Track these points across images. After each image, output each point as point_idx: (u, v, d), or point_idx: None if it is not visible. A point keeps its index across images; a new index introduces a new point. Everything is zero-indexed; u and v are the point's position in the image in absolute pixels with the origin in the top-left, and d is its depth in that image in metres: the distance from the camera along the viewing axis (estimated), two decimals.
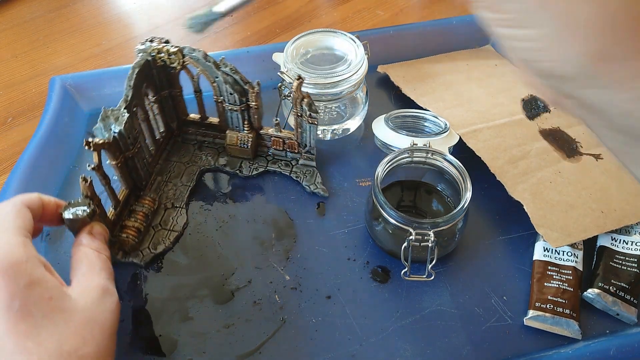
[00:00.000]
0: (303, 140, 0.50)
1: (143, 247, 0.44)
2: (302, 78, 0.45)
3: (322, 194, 0.49)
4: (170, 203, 0.47)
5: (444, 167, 0.44)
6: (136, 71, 0.43)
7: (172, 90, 0.49)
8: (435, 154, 0.44)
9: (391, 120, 0.52)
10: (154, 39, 0.46)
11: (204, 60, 0.45)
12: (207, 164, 0.51)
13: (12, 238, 0.30)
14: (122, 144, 0.41)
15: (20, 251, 0.30)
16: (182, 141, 0.53)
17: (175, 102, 0.50)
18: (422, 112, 0.54)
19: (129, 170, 0.44)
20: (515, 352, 0.39)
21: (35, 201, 0.35)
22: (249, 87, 0.46)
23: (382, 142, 0.52)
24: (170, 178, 0.49)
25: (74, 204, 0.37)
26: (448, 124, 0.51)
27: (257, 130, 0.50)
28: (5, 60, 0.68)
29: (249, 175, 0.50)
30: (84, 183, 0.37)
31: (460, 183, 0.43)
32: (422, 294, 0.42)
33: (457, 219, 0.40)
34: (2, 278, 0.28)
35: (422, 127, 0.54)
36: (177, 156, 0.51)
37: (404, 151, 0.44)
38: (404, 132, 0.50)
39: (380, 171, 0.43)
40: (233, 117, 0.49)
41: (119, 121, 0.40)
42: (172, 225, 0.46)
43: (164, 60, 0.46)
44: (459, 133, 0.50)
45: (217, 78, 0.46)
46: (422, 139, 0.48)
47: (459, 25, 0.65)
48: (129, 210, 0.45)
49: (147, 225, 0.45)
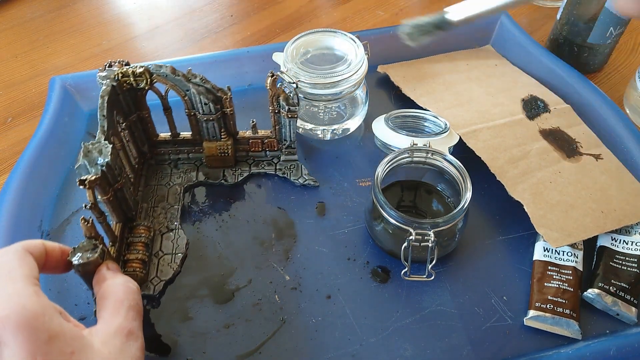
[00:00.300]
0: (283, 136, 0.49)
1: (151, 277, 0.42)
2: (275, 74, 0.45)
3: (313, 184, 0.49)
4: (164, 227, 0.46)
5: (444, 167, 0.44)
6: (106, 100, 0.41)
7: (140, 112, 0.47)
8: (435, 154, 0.44)
9: (391, 120, 0.52)
10: (112, 64, 0.43)
11: (173, 75, 0.44)
12: (189, 181, 0.50)
13: (23, 289, 0.27)
14: (111, 176, 0.39)
15: (36, 303, 0.27)
16: (156, 163, 0.51)
17: (144, 124, 0.48)
18: (422, 112, 0.54)
19: (118, 202, 0.42)
20: (515, 352, 0.39)
21: (38, 247, 0.32)
22: (221, 94, 0.45)
23: (382, 142, 0.52)
24: (156, 202, 0.48)
25: (80, 247, 0.34)
26: (448, 124, 0.51)
27: (234, 136, 0.50)
28: (5, 60, 0.68)
29: (235, 183, 0.50)
30: (86, 224, 0.34)
31: (460, 183, 0.43)
32: (422, 294, 0.42)
33: (457, 219, 0.40)
34: (21, 334, 0.26)
35: (422, 127, 0.54)
36: (154, 179, 0.50)
37: (404, 151, 0.44)
38: (404, 132, 0.50)
39: (380, 171, 0.43)
40: (209, 128, 0.48)
41: (103, 154, 0.38)
42: (175, 249, 0.44)
43: (130, 83, 0.44)
44: (459, 133, 0.50)
45: (188, 91, 0.45)
46: (422, 139, 0.48)
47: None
48: (126, 243, 0.43)
49: (149, 254, 0.43)
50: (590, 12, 0.58)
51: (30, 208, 0.46)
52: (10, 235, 0.43)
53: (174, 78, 0.44)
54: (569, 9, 0.60)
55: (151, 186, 0.49)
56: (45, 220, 0.47)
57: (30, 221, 0.46)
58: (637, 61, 0.66)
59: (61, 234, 0.46)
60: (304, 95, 0.50)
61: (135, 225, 0.44)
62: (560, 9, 0.62)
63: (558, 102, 0.56)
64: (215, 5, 0.77)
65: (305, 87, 0.49)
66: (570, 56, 0.63)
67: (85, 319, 0.41)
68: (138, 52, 0.69)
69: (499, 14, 0.65)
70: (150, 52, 0.69)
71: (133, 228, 0.44)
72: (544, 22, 0.73)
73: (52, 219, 0.47)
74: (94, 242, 0.35)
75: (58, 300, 0.41)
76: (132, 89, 0.45)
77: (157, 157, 0.51)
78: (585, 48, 0.61)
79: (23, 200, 0.45)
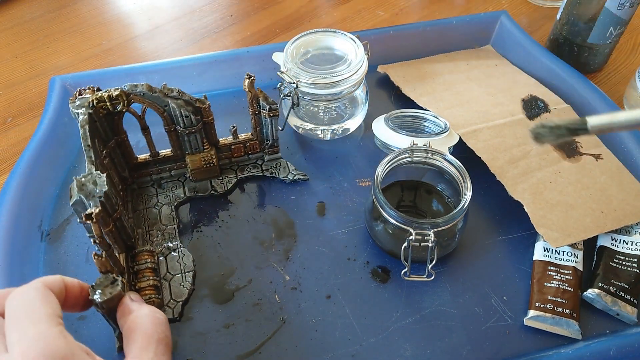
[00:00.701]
0: (264, 137, 0.49)
1: (167, 302, 0.41)
2: (251, 76, 0.44)
3: (303, 178, 0.50)
4: (165, 249, 0.44)
5: (444, 167, 0.44)
6: (87, 129, 0.39)
7: (118, 137, 0.45)
8: (435, 154, 0.44)
9: (391, 120, 0.52)
10: (82, 91, 0.42)
11: (150, 93, 0.42)
12: (178, 198, 0.48)
13: (48, 330, 0.26)
14: (109, 206, 0.37)
15: (63, 345, 0.26)
16: (139, 187, 0.49)
17: (122, 148, 0.46)
18: (422, 112, 0.54)
19: (119, 232, 0.40)
20: (515, 352, 0.39)
21: (58, 283, 0.31)
22: (199, 104, 0.44)
23: (382, 142, 0.52)
24: (150, 226, 0.46)
25: (99, 284, 0.33)
26: (448, 124, 0.51)
27: (215, 145, 0.49)
28: (5, 60, 0.68)
29: (225, 191, 0.49)
30: (100, 259, 0.33)
31: (460, 183, 0.43)
32: (422, 294, 0.42)
33: (457, 219, 0.40)
34: None
35: (422, 127, 0.54)
36: (141, 203, 0.48)
37: (404, 151, 0.44)
38: (404, 132, 0.50)
39: (380, 171, 0.43)
40: (191, 141, 0.46)
41: (99, 184, 0.36)
42: (183, 268, 0.43)
43: (106, 108, 0.42)
44: (459, 133, 0.50)
45: (166, 107, 0.44)
46: (422, 139, 0.48)
47: (459, 25, 0.65)
48: (133, 272, 0.41)
49: (159, 279, 0.42)
50: (590, 12, 0.58)
51: (30, 208, 0.46)
52: (11, 235, 0.43)
53: (151, 95, 0.43)
54: (569, 9, 0.60)
55: (140, 211, 0.47)
56: (45, 220, 0.47)
57: (30, 221, 0.46)
58: (637, 61, 0.66)
59: (61, 234, 0.46)
60: (304, 95, 0.50)
61: (138, 252, 0.43)
62: (560, 9, 0.62)
63: (558, 102, 0.56)
64: (215, 5, 0.77)
65: (305, 87, 0.49)
66: (570, 56, 0.63)
67: (85, 318, 0.41)
68: (138, 52, 0.69)
69: None
70: (150, 52, 0.69)
71: (135, 256, 0.42)
72: (544, 22, 0.73)
73: (52, 219, 0.47)
74: (112, 276, 0.33)
75: None
76: (109, 114, 0.43)
77: (138, 180, 0.49)
78: (585, 48, 0.61)
79: (23, 200, 0.46)
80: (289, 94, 0.49)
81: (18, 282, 0.41)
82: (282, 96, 0.50)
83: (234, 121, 0.56)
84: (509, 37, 0.64)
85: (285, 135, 0.55)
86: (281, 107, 0.54)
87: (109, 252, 0.36)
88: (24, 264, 0.43)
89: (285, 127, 0.53)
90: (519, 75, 0.60)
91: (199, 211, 0.48)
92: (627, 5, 0.55)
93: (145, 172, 0.49)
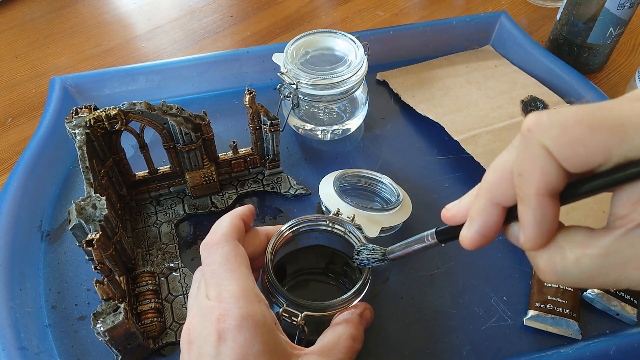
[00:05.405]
0: (265, 151, 0.49)
1: (170, 324, 0.40)
2: (252, 91, 0.44)
3: (304, 193, 0.49)
4: (166, 269, 0.43)
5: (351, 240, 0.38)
6: (85, 150, 0.38)
7: (116, 156, 0.44)
8: (338, 224, 0.38)
9: (342, 179, 0.46)
10: (78, 111, 0.41)
11: (149, 111, 0.41)
12: (177, 216, 0.47)
13: (248, 291, 0.29)
14: (109, 229, 0.36)
15: (259, 311, 0.28)
16: (137, 204, 0.48)
17: (120, 167, 0.45)
18: (379, 175, 0.48)
19: (119, 255, 0.39)
20: (515, 352, 0.39)
21: (241, 230, 0.34)
22: (199, 120, 0.43)
23: (325, 207, 0.45)
24: (150, 245, 0.45)
25: (101, 312, 0.32)
26: (401, 197, 0.45)
27: (215, 161, 0.48)
28: (5, 61, 0.68)
29: (225, 207, 0.48)
30: (101, 285, 0.32)
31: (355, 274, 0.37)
32: (422, 294, 0.42)
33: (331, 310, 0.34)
34: (241, 336, 0.27)
35: (377, 190, 0.48)
36: (140, 222, 0.47)
37: (319, 218, 0.38)
38: (349, 199, 0.43)
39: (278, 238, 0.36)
40: (190, 157, 0.45)
41: (98, 208, 0.35)
42: (185, 289, 0.42)
43: (103, 127, 0.41)
44: (458, 139, 0.50)
45: (165, 124, 0.43)
46: (366, 212, 0.42)
47: (459, 25, 0.65)
48: (134, 295, 0.40)
49: (161, 301, 0.41)
50: (590, 13, 0.58)
51: (30, 208, 0.46)
52: (11, 235, 0.43)
53: (150, 114, 0.41)
54: (569, 9, 0.60)
55: (139, 229, 0.46)
56: (45, 220, 0.47)
57: (30, 221, 0.46)
58: (637, 61, 0.66)
59: (61, 234, 0.46)
60: (304, 95, 0.50)
61: (138, 274, 0.41)
62: (560, 9, 0.62)
63: (558, 102, 0.56)
64: (215, 6, 0.77)
65: (305, 87, 0.49)
66: (570, 56, 0.63)
67: (85, 318, 0.41)
68: (138, 53, 0.69)
69: None
70: (150, 52, 0.69)
71: (136, 277, 0.41)
72: (544, 22, 0.73)
73: (52, 219, 0.47)
74: (115, 304, 0.33)
75: (58, 301, 0.41)
76: (106, 133, 0.42)
77: (136, 197, 0.48)
78: (585, 48, 0.61)
79: (23, 200, 0.46)
80: (289, 95, 0.49)
81: (18, 282, 0.41)
82: (282, 97, 0.50)
83: (233, 122, 0.56)
84: (509, 37, 0.64)
85: (285, 136, 0.55)
86: (281, 108, 0.54)
87: (110, 277, 0.34)
88: (24, 264, 0.43)
89: (285, 127, 0.53)
90: (518, 75, 0.60)
91: (199, 228, 0.47)
92: (627, 5, 0.55)
93: (143, 190, 0.48)
